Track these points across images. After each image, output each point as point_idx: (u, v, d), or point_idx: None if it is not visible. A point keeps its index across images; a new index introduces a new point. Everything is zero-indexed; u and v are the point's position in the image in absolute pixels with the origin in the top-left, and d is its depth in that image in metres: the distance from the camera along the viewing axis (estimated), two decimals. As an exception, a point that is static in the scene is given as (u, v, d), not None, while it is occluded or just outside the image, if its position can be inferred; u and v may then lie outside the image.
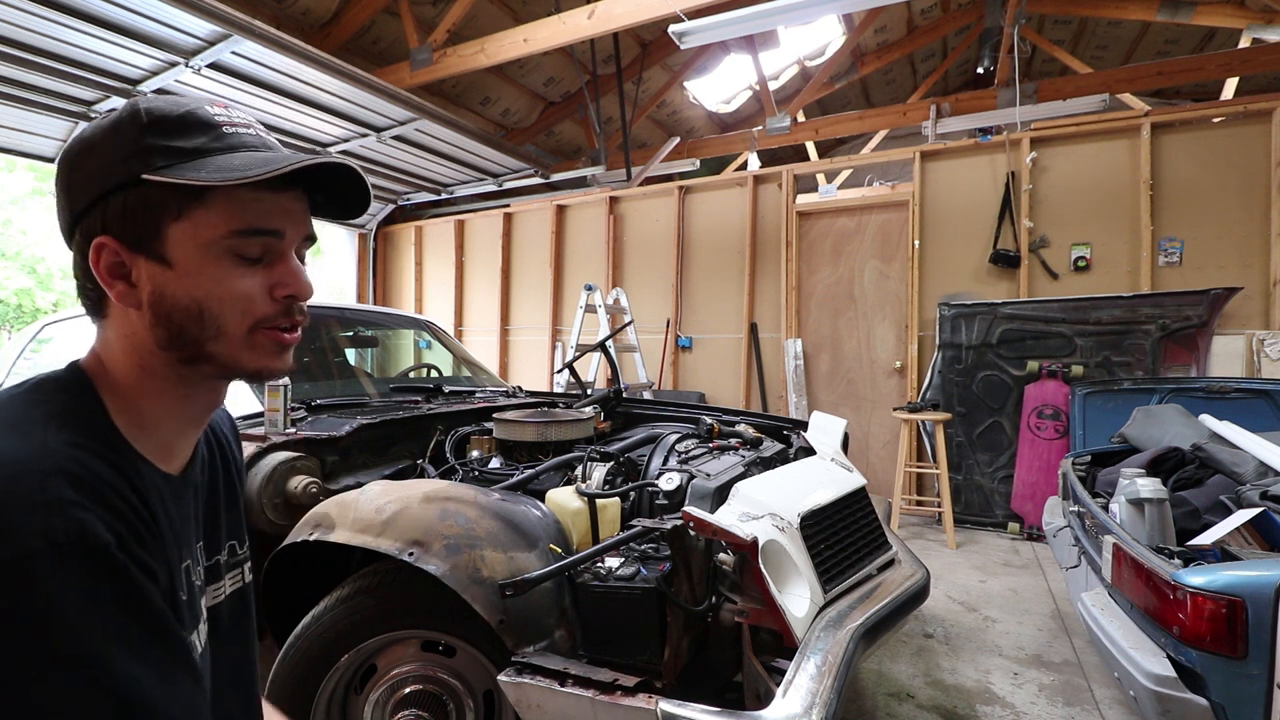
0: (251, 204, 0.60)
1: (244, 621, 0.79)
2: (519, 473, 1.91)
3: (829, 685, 1.28)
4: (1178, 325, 4.02)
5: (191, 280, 0.59)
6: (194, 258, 0.59)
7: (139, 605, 0.50)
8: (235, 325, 0.61)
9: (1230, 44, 6.44)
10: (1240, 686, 1.36)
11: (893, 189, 5.32)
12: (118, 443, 0.59)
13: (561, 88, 7.44)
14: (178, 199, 0.58)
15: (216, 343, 0.61)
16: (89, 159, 0.60)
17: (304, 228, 0.65)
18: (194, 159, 0.59)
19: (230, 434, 0.83)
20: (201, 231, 0.59)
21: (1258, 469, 2.09)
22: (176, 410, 0.64)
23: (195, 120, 0.60)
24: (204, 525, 0.72)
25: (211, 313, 0.60)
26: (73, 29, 3.67)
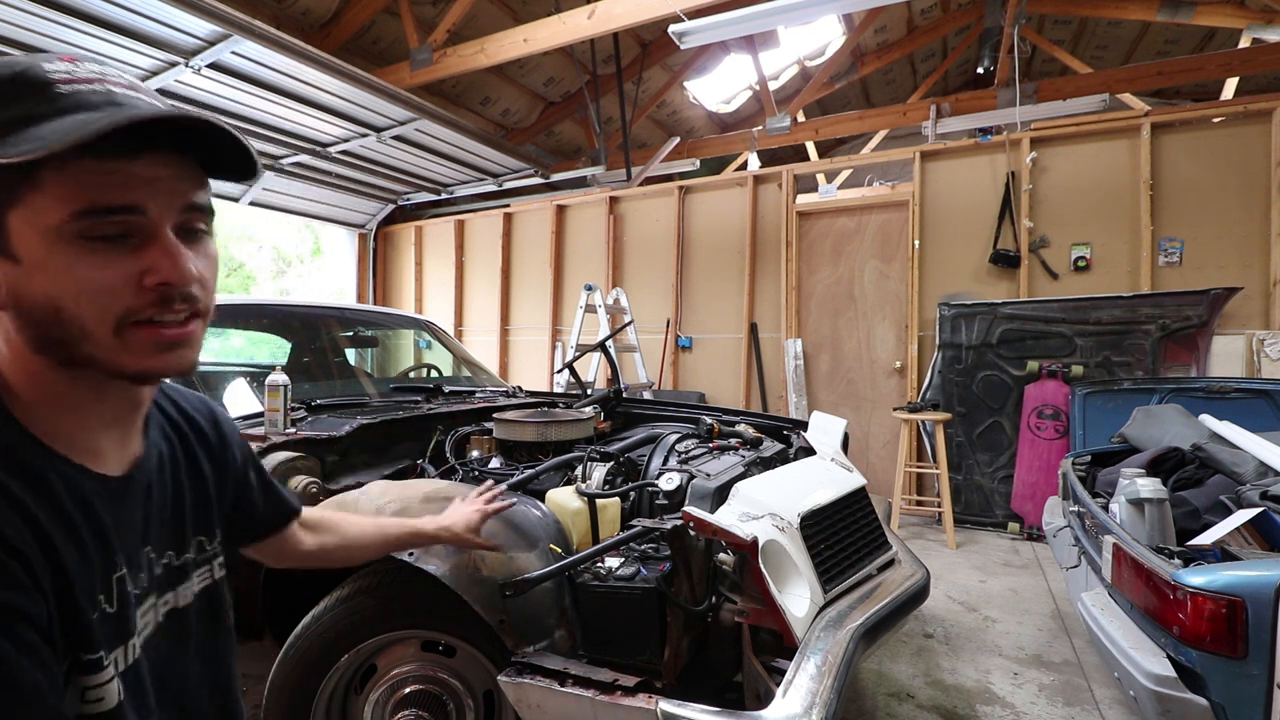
0: (95, 177, 0.50)
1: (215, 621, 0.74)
2: (519, 473, 1.90)
3: (829, 685, 1.28)
4: (1178, 325, 4.02)
5: (42, 275, 0.51)
6: (38, 249, 0.50)
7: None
8: (97, 323, 0.52)
9: (1230, 44, 6.44)
10: (1240, 686, 1.36)
11: (893, 189, 5.32)
12: (18, 445, 0.53)
13: (561, 88, 7.43)
14: (8, 181, 0.50)
15: (87, 343, 0.53)
16: None
17: (179, 196, 0.54)
18: (19, 130, 0.49)
19: (206, 421, 0.77)
20: (40, 217, 0.50)
21: (1258, 469, 2.09)
22: (87, 413, 0.57)
23: (25, 82, 0.51)
24: (164, 525, 0.67)
25: (69, 311, 0.52)
26: (73, 29, 3.67)
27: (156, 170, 0.53)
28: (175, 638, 0.67)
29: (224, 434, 0.80)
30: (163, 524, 0.68)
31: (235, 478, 0.82)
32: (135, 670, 0.60)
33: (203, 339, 0.59)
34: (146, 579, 0.64)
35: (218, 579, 0.76)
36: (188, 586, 0.71)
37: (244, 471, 0.84)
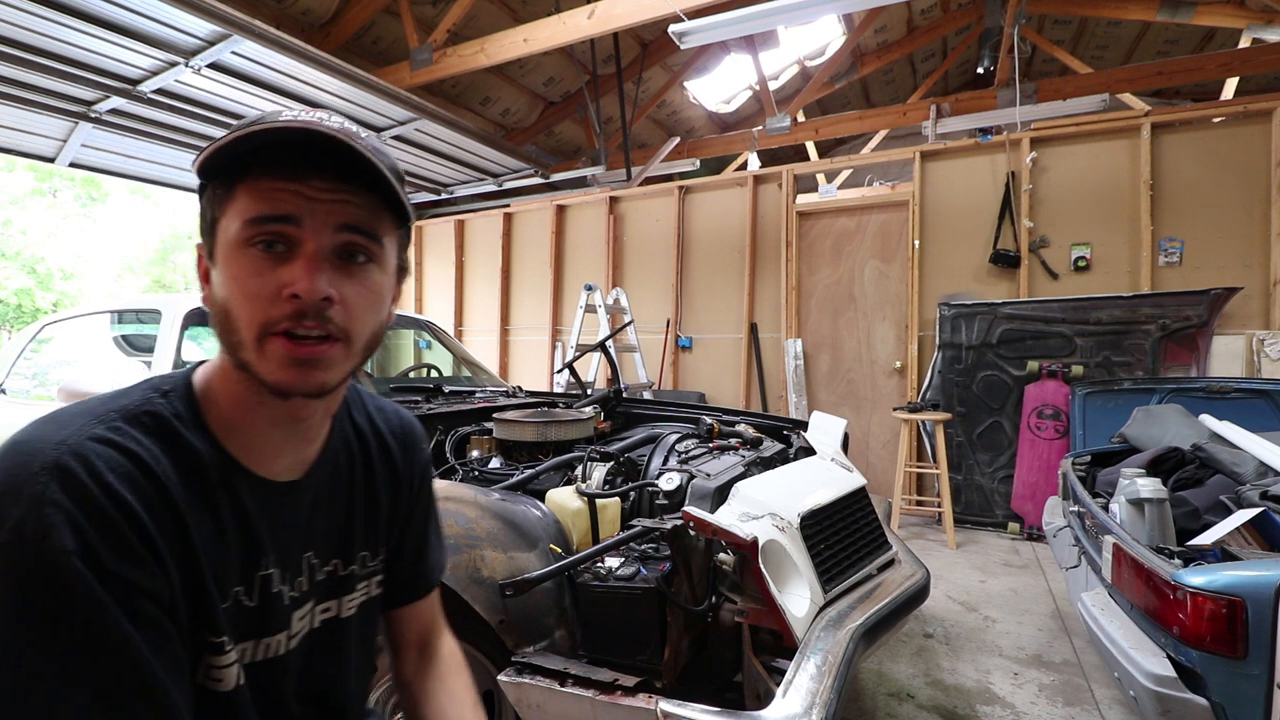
0: (267, 193, 0.56)
1: (366, 637, 0.76)
2: (519, 473, 1.90)
3: (829, 685, 1.28)
4: (1178, 325, 4.02)
5: (223, 279, 0.58)
6: (225, 255, 0.57)
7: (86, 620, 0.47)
8: (246, 328, 0.56)
9: (1230, 44, 6.44)
10: (1240, 686, 1.36)
11: (893, 189, 5.32)
12: (184, 440, 0.58)
13: (561, 88, 7.43)
14: (219, 196, 0.58)
15: (241, 349, 0.57)
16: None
17: (335, 216, 0.58)
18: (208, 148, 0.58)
19: (398, 440, 0.79)
20: (230, 227, 0.57)
21: (1258, 469, 2.09)
22: (256, 416, 0.61)
23: (256, 117, 0.58)
24: (330, 534, 0.69)
25: (233, 314, 0.57)
26: (73, 29, 3.67)
27: (318, 190, 0.57)
28: (329, 645, 0.69)
29: (418, 454, 0.81)
30: (329, 533, 0.70)
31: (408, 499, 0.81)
32: (275, 665, 0.63)
33: (344, 364, 0.60)
34: (306, 583, 0.66)
35: (374, 596, 0.77)
36: (352, 599, 0.73)
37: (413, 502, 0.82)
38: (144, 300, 2.80)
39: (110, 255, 15.70)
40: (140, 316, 2.90)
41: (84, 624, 0.47)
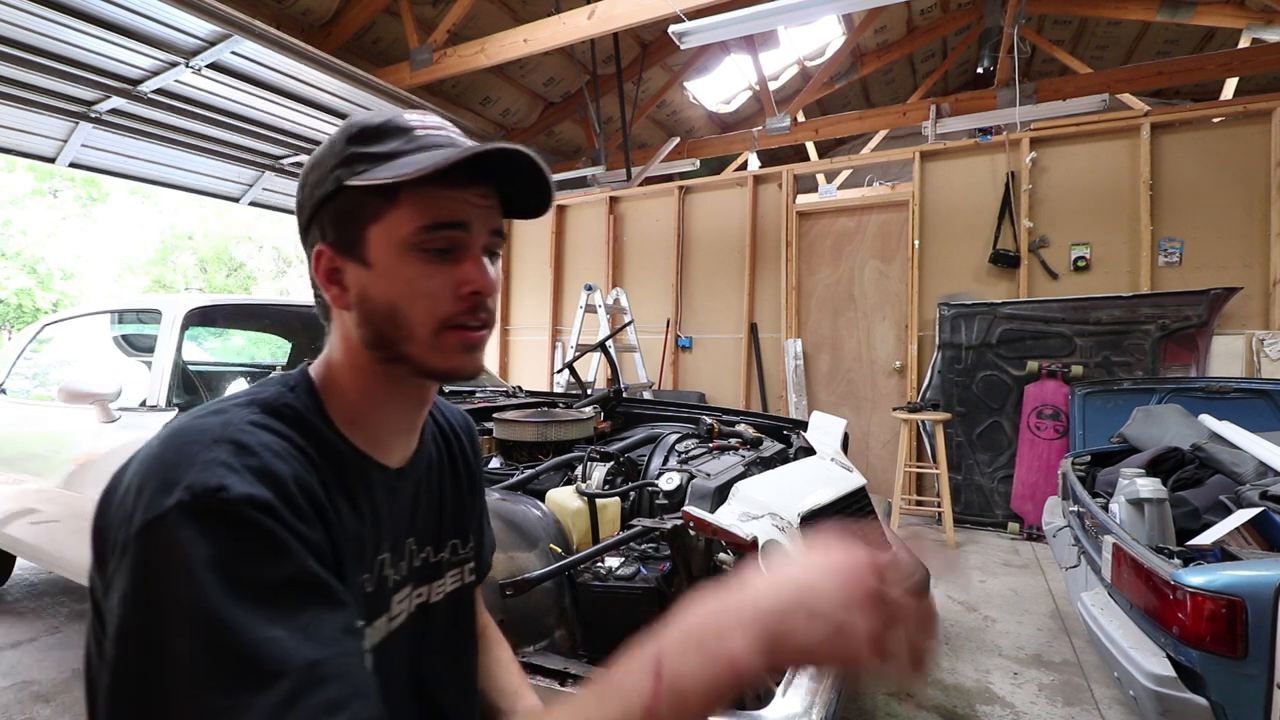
0: (437, 200, 0.61)
1: (461, 623, 0.80)
2: (519, 473, 1.91)
3: (829, 685, 1.28)
4: (1177, 325, 4.02)
5: (387, 280, 0.62)
6: (388, 258, 0.62)
7: (274, 559, 0.48)
8: (422, 324, 0.62)
9: (1230, 44, 6.44)
10: (1240, 686, 1.36)
11: (893, 189, 5.32)
12: (325, 433, 0.62)
13: (561, 88, 7.43)
14: (375, 202, 0.61)
15: (408, 343, 0.62)
16: (311, 175, 0.64)
17: (491, 222, 0.65)
18: (386, 162, 0.61)
19: (465, 435, 0.85)
20: (394, 231, 0.61)
21: (1257, 469, 2.09)
22: (385, 406, 0.67)
23: (392, 127, 0.63)
24: (427, 522, 0.74)
25: (402, 312, 0.62)
26: (73, 29, 3.67)
27: (479, 199, 0.64)
28: (421, 630, 0.73)
29: (479, 450, 0.88)
30: (426, 520, 0.75)
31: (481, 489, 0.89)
32: (383, 649, 0.66)
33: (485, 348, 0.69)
34: (406, 568, 0.70)
35: (467, 583, 0.81)
36: (441, 584, 0.77)
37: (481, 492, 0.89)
38: (144, 300, 2.80)
39: (110, 255, 15.70)
40: (140, 316, 2.91)
41: (275, 563, 0.48)
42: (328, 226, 0.63)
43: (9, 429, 2.88)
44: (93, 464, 2.33)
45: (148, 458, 0.53)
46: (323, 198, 0.63)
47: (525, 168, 0.64)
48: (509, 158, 0.62)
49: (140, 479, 0.51)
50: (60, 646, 2.74)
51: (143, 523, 0.48)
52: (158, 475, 0.50)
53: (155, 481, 0.50)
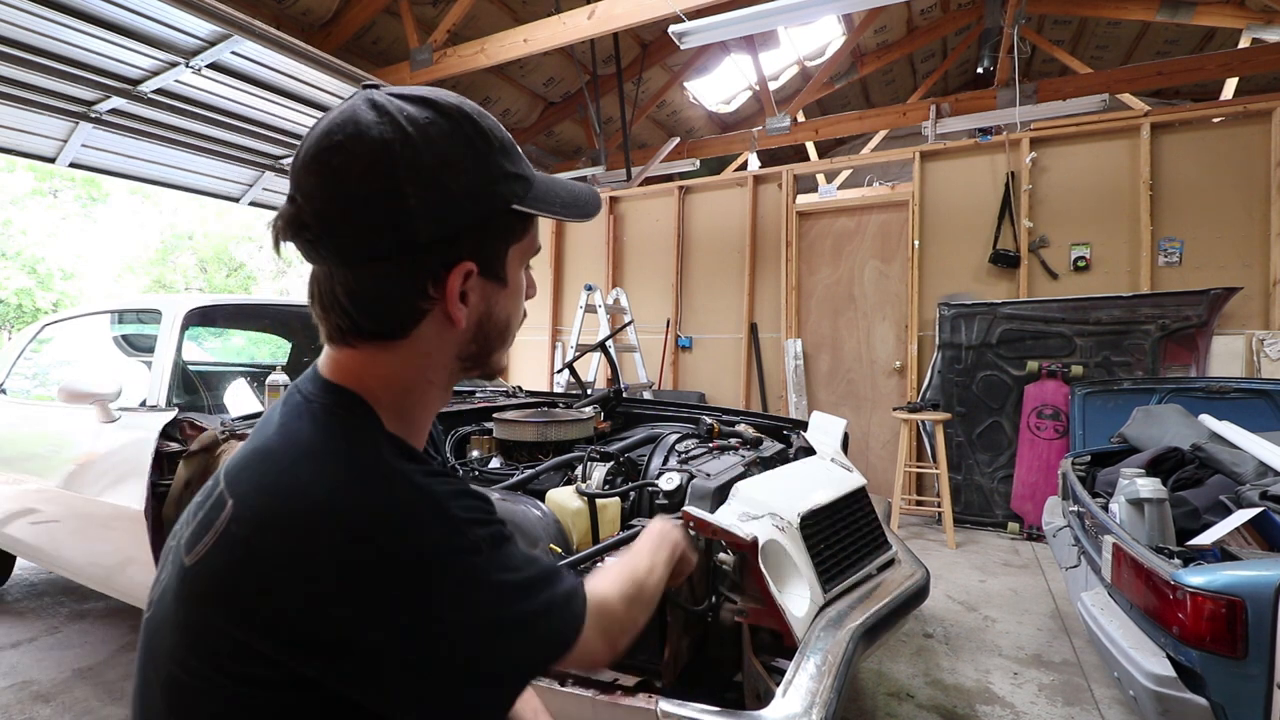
0: (535, 235, 0.68)
1: None
2: (519, 473, 1.91)
3: (829, 685, 1.28)
4: (1177, 325, 4.02)
5: (514, 297, 0.67)
6: (518, 277, 0.67)
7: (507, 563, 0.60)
8: (516, 331, 0.69)
9: (1230, 44, 6.44)
10: (1240, 686, 1.36)
11: (892, 189, 5.32)
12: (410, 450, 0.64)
13: (561, 88, 7.43)
14: (522, 225, 0.65)
15: (501, 349, 0.68)
16: (449, 178, 0.57)
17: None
18: (529, 185, 0.63)
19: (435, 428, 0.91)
20: (526, 251, 0.66)
21: (1257, 469, 2.09)
22: (430, 412, 0.69)
23: (514, 145, 0.64)
24: None
25: (512, 323, 0.68)
26: (73, 29, 3.67)
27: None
28: None
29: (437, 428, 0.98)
30: None
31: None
32: None
33: None
34: None
35: None
36: None
37: None
38: (144, 300, 2.80)
39: (110, 255, 15.70)
40: (140, 316, 2.90)
41: (519, 553, 0.61)
42: (478, 245, 0.60)
43: (9, 429, 2.88)
44: (92, 464, 2.33)
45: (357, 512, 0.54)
46: (477, 215, 0.59)
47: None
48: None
49: (359, 531, 0.53)
50: (60, 646, 2.74)
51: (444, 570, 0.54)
52: (392, 527, 0.53)
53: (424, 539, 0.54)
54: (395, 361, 0.61)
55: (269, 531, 0.53)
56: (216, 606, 0.53)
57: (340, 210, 0.56)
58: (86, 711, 2.26)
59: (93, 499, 2.28)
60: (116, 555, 2.27)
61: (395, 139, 0.55)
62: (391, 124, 0.55)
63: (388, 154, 0.55)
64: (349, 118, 0.56)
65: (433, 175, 0.56)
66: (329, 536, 0.52)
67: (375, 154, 0.54)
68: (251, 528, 0.53)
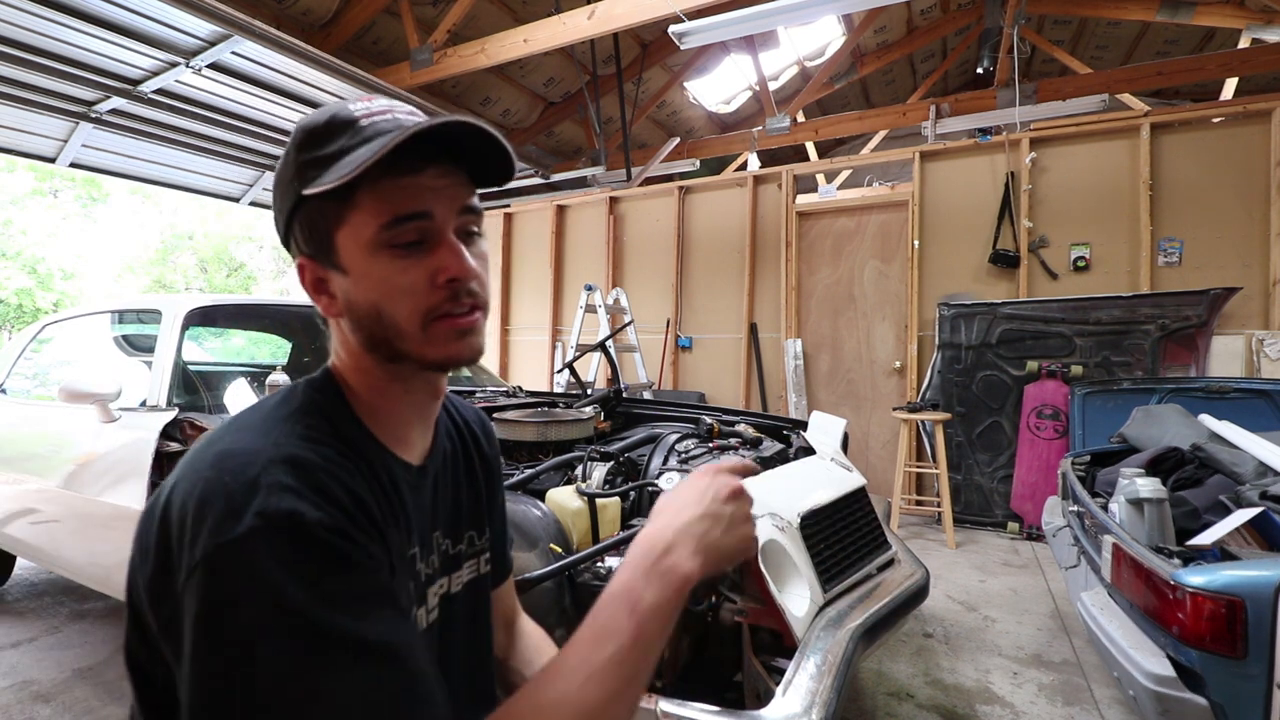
0: (393, 192, 0.59)
1: (477, 611, 0.81)
2: (519, 472, 1.91)
3: (829, 685, 1.28)
4: (1177, 325, 4.02)
5: (365, 284, 0.61)
6: (361, 261, 0.60)
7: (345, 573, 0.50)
8: (408, 320, 0.61)
9: (1230, 44, 6.45)
10: (1240, 686, 1.36)
11: (892, 189, 5.33)
12: (356, 434, 0.63)
13: (561, 88, 7.44)
14: (333, 207, 0.60)
15: (401, 340, 0.62)
16: (277, 191, 0.63)
17: (457, 200, 0.63)
18: (335, 163, 0.58)
19: (479, 428, 0.86)
20: (359, 233, 0.60)
21: (1257, 469, 2.09)
22: (400, 402, 0.67)
23: (337, 123, 0.60)
24: (444, 515, 0.75)
25: (387, 313, 0.61)
26: (73, 29, 3.67)
27: (438, 180, 0.61)
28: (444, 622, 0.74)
29: (495, 444, 0.88)
30: (447, 513, 0.76)
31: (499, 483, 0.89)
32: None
33: (484, 329, 0.67)
34: (437, 560, 0.72)
35: (483, 574, 0.82)
36: (459, 576, 0.77)
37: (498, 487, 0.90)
38: (144, 300, 2.80)
39: (110, 255, 15.70)
40: (140, 316, 2.91)
41: (351, 578, 0.51)
42: (301, 239, 0.63)
43: (9, 429, 2.88)
44: (93, 464, 2.33)
45: (202, 480, 0.52)
46: (289, 211, 0.62)
47: (473, 135, 0.60)
48: (452, 131, 0.59)
49: (199, 502, 0.51)
50: (60, 646, 2.74)
51: (214, 546, 0.48)
52: (221, 500, 0.50)
53: (220, 506, 0.50)
54: (336, 349, 0.67)
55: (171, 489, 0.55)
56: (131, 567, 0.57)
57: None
58: (86, 711, 2.26)
59: (93, 499, 2.28)
60: (116, 555, 2.27)
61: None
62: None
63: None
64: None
65: (273, 192, 0.64)
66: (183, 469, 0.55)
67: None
68: (166, 486, 0.56)
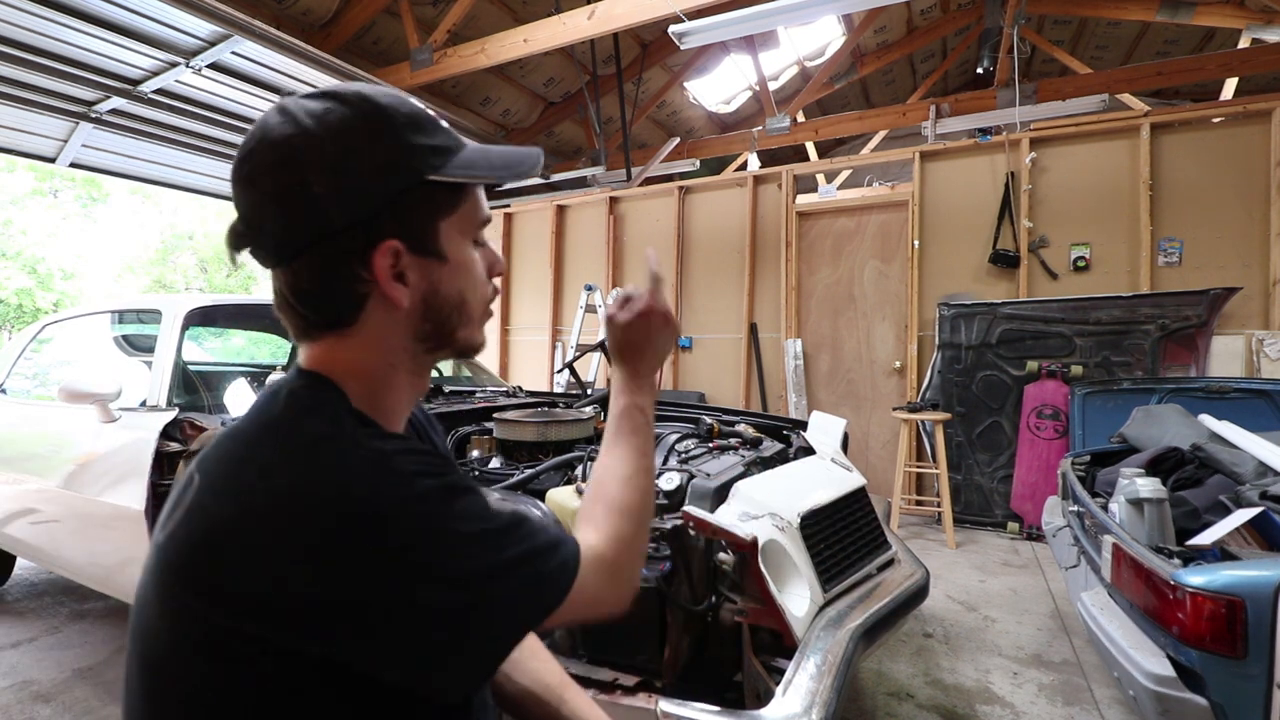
0: (483, 199, 0.67)
1: None
2: (519, 473, 1.90)
3: (829, 685, 1.28)
4: (1177, 325, 4.02)
5: (460, 272, 0.65)
6: (460, 251, 0.65)
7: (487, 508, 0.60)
8: (479, 308, 0.68)
9: (1230, 44, 6.45)
10: (1240, 686, 1.36)
11: (892, 189, 5.32)
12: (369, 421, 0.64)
13: (562, 88, 7.44)
14: (449, 197, 0.63)
15: (465, 327, 0.67)
16: (354, 161, 0.57)
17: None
18: (451, 155, 0.62)
19: (427, 422, 0.87)
20: (464, 225, 0.65)
21: (1257, 469, 2.09)
22: (404, 397, 0.68)
23: (429, 118, 0.63)
24: None
25: (469, 301, 0.66)
26: (73, 29, 3.67)
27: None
28: None
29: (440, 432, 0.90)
30: None
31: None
32: None
33: None
34: None
35: None
36: None
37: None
38: (144, 300, 2.80)
39: (110, 255, 15.70)
40: (141, 316, 2.91)
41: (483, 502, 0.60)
42: (399, 223, 0.60)
43: (9, 429, 2.88)
44: (93, 464, 2.33)
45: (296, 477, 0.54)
46: (397, 192, 0.59)
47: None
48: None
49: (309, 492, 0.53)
50: (60, 646, 2.74)
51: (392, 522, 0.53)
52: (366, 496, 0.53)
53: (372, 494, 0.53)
54: (354, 348, 0.63)
55: (225, 500, 0.54)
56: (181, 577, 0.54)
57: (260, 213, 0.58)
58: (86, 711, 2.26)
59: (93, 499, 2.28)
60: (116, 555, 2.27)
61: (295, 134, 0.57)
62: (292, 122, 0.57)
63: (290, 149, 0.57)
64: (258, 126, 0.59)
65: (336, 161, 0.57)
66: (275, 500, 0.53)
67: (279, 152, 0.57)
68: (212, 497, 0.55)
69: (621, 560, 0.70)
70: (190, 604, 0.53)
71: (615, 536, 0.71)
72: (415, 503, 0.54)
